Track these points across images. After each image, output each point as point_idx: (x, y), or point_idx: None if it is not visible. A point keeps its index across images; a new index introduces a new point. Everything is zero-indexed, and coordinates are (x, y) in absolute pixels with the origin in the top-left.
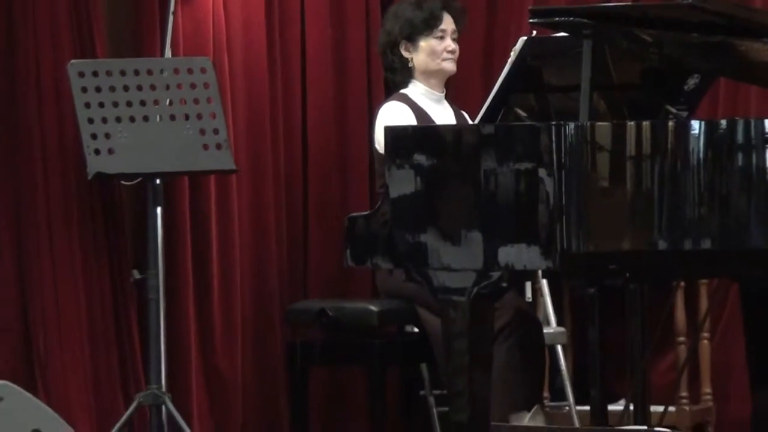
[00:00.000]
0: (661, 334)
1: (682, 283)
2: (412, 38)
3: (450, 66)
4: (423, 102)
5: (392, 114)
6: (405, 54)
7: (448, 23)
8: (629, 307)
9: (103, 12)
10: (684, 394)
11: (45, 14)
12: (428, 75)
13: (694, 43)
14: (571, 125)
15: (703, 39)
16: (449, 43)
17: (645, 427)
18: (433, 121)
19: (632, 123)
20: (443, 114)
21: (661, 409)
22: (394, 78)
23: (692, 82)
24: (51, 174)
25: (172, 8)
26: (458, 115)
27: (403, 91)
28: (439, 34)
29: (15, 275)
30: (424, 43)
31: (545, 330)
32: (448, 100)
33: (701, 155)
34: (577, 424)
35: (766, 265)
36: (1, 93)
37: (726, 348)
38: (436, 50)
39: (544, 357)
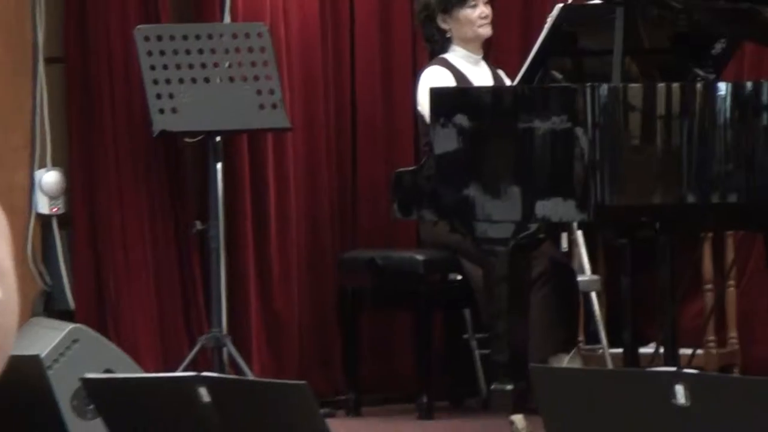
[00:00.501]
0: (690, 282)
1: (710, 234)
2: (447, 10)
3: (485, 31)
4: (462, 65)
5: (433, 78)
6: (442, 25)
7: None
8: (659, 257)
9: None
10: (711, 337)
11: None
12: (466, 41)
13: (721, 9)
14: (605, 87)
15: (730, 6)
16: (483, 10)
17: (674, 369)
18: (471, 83)
19: (662, 84)
20: (481, 75)
21: (689, 351)
22: (434, 47)
23: (719, 46)
24: (119, 132)
25: None
26: (495, 75)
27: (443, 55)
28: (473, 2)
29: (88, 227)
30: (459, 14)
31: (580, 278)
32: (486, 61)
33: (728, 115)
34: (610, 365)
35: None
36: (73, 58)
37: (751, 295)
38: (471, 18)
39: (578, 303)
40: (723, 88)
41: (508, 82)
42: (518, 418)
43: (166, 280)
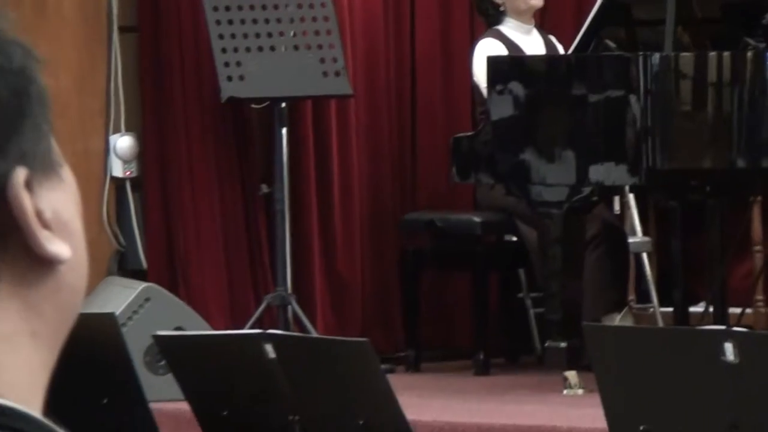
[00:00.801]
0: (739, 243)
1: (759, 198)
2: None
3: (537, 2)
4: (514, 36)
5: (486, 49)
6: (496, 0)
7: None
8: (709, 219)
9: None
10: (760, 297)
11: None
12: (519, 13)
13: None
14: (657, 56)
15: None
16: None
17: (723, 327)
18: (524, 52)
19: (713, 53)
20: (534, 44)
21: (738, 311)
22: (488, 20)
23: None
24: (189, 98)
25: None
26: (548, 42)
27: (496, 27)
28: None
29: (159, 190)
30: None
31: (632, 239)
32: (538, 29)
33: None
34: (661, 324)
35: None
36: (146, 27)
37: None
38: None
39: (629, 264)
40: None
41: (560, 48)
42: (572, 374)
43: (233, 241)
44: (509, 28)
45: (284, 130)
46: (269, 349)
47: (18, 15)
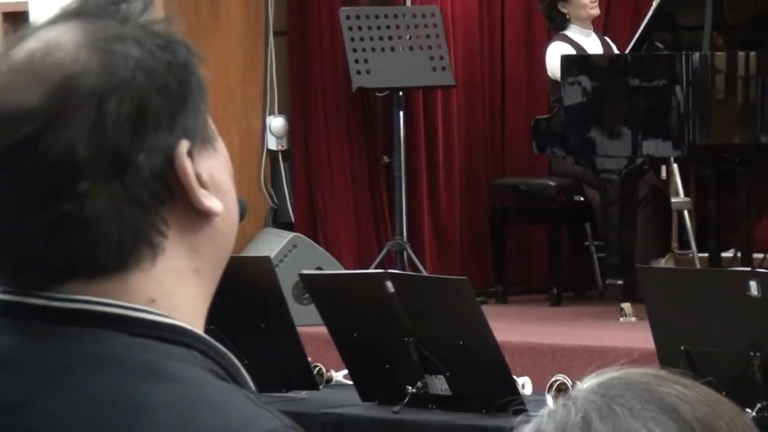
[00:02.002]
0: (762, 202)
1: None
2: None
3: (595, 11)
4: (577, 38)
5: (556, 50)
6: (562, 10)
7: None
8: (738, 184)
9: None
10: None
11: None
12: (581, 20)
13: None
14: (696, 55)
15: None
16: None
17: (749, 269)
18: (585, 51)
19: (742, 53)
20: (593, 44)
21: (761, 256)
22: (555, 25)
23: None
24: (327, 88)
25: None
26: (604, 43)
27: (563, 32)
28: None
29: (304, 160)
30: (575, 0)
31: (675, 200)
32: (595, 32)
33: None
34: (698, 266)
35: None
36: (294, 31)
37: None
38: (584, 3)
39: (672, 219)
40: None
41: (614, 47)
42: (626, 306)
43: (361, 200)
44: (573, 32)
45: (401, 114)
46: (389, 285)
47: (197, 22)
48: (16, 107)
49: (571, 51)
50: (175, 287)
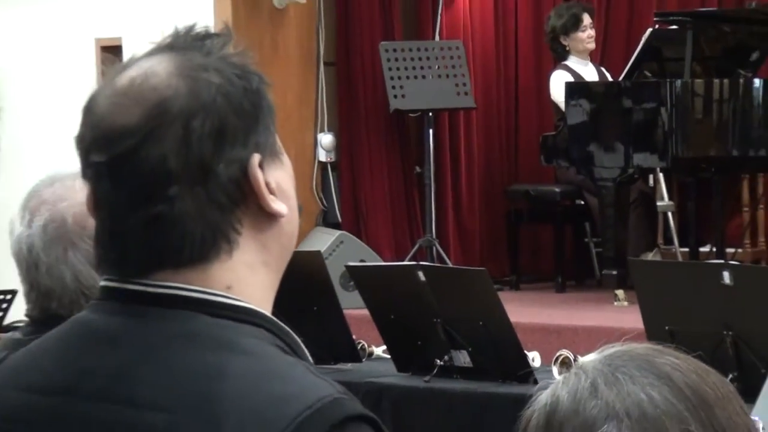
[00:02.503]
0: (733, 205)
1: (747, 176)
2: (567, 33)
3: (591, 46)
4: (576, 67)
5: (558, 77)
6: (564, 42)
7: (587, 20)
8: (714, 190)
9: (399, 8)
10: (747, 241)
11: (365, 10)
12: (579, 52)
13: (755, 31)
14: (679, 82)
15: (761, 29)
16: (590, 33)
17: (722, 261)
18: (583, 78)
19: (717, 80)
20: (589, 72)
21: (733, 250)
22: (557, 57)
23: (755, 55)
24: (368, 109)
25: (440, 10)
26: (599, 72)
27: (564, 62)
28: (583, 28)
29: (349, 169)
30: (575, 35)
31: (660, 203)
32: (592, 62)
33: (760, 100)
34: (680, 259)
35: None
36: (341, 62)
37: None
38: (583, 38)
39: (657, 219)
40: (757, 82)
41: (608, 75)
42: (620, 292)
43: (396, 203)
44: (572, 62)
45: (430, 131)
46: (420, 275)
47: (262, 55)
48: (119, 125)
49: (571, 78)
50: (247, 277)
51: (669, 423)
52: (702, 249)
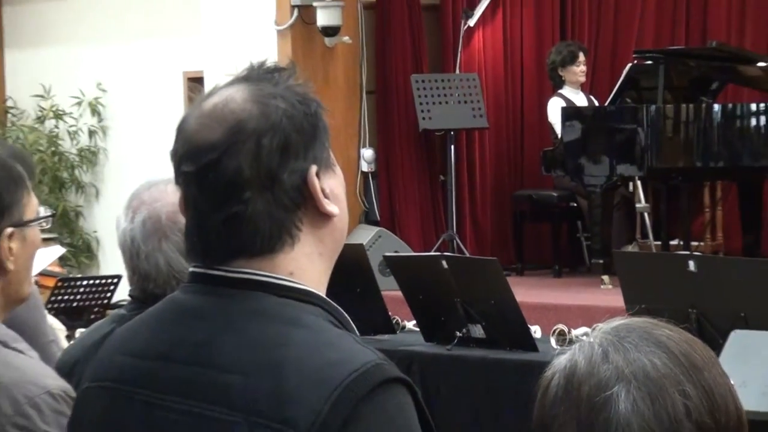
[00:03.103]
0: (697, 206)
1: (708, 183)
2: (564, 66)
3: (583, 78)
4: (569, 95)
5: (554, 103)
6: (561, 74)
7: (581, 57)
8: (682, 194)
9: (426, 46)
10: (708, 236)
11: (399, 49)
12: (572, 83)
13: (715, 66)
14: (653, 107)
15: (720, 63)
16: (582, 68)
17: (688, 252)
18: (575, 104)
19: (683, 105)
20: (580, 99)
21: (696, 243)
22: (555, 86)
23: (714, 85)
24: (402, 129)
25: (459, 48)
26: (588, 98)
27: (559, 91)
28: (578, 63)
29: (386, 177)
30: (570, 68)
31: (638, 205)
32: (582, 91)
33: (719, 121)
34: (654, 250)
35: (750, 175)
36: (379, 91)
37: (730, 214)
38: (576, 72)
39: (636, 218)
40: (716, 107)
41: (595, 101)
42: (606, 277)
43: (424, 205)
44: (566, 91)
45: (452, 147)
46: (444, 263)
47: (316, 84)
48: (204, 141)
49: (565, 104)
50: (306, 265)
51: (668, 384)
52: (672, 242)
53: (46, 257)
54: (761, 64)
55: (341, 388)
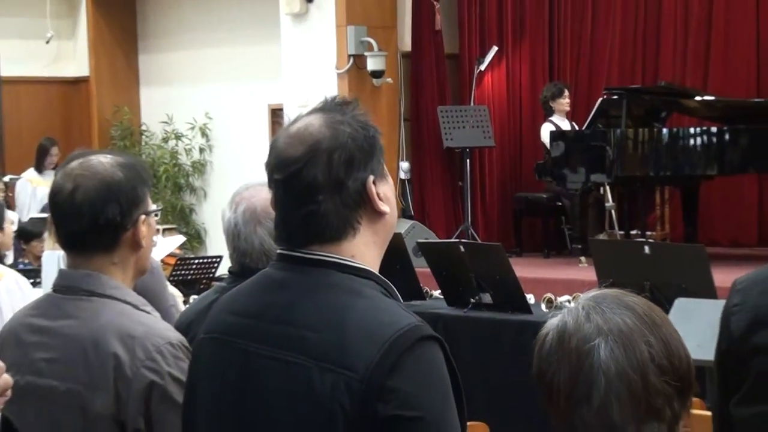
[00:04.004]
0: (650, 205)
1: (659, 187)
2: (553, 99)
3: (567, 108)
4: (557, 121)
5: (546, 127)
6: (551, 105)
7: (566, 92)
8: (639, 196)
9: (449, 84)
10: (658, 227)
11: (428, 87)
12: (559, 112)
13: (663, 99)
14: (618, 130)
15: (667, 98)
16: (567, 101)
17: (644, 240)
18: (561, 128)
19: (641, 129)
20: (566, 125)
21: (650, 233)
22: (546, 113)
23: (663, 114)
24: (431, 148)
25: (473, 85)
26: (571, 124)
27: (550, 118)
28: (564, 97)
29: (418, 183)
30: (558, 101)
31: (607, 204)
32: (566, 118)
33: (666, 141)
34: (618, 238)
35: (690, 181)
36: (413, 119)
37: (675, 211)
38: (563, 104)
39: (605, 214)
40: (665, 131)
41: (575, 126)
42: (583, 258)
43: (448, 204)
44: (555, 118)
45: (468, 160)
46: (461, 248)
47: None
48: (290, 156)
49: (553, 128)
50: (364, 250)
51: (636, 336)
52: (632, 232)
53: (172, 243)
54: (697, 98)
55: (389, 343)
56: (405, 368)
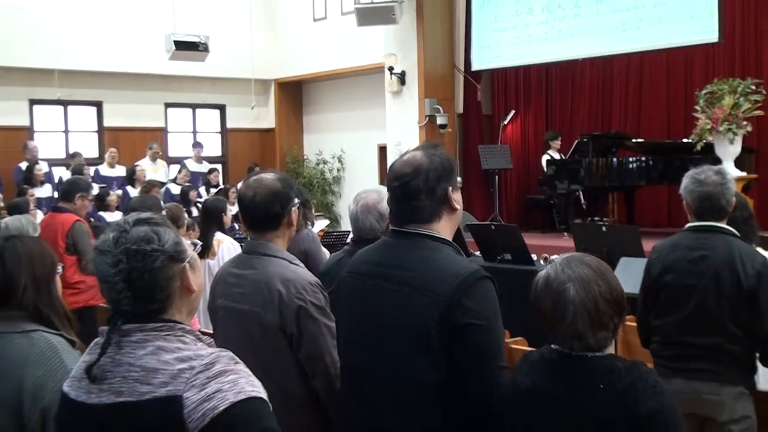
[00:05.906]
0: (606, 203)
1: (615, 194)
2: (551, 140)
3: (558, 146)
4: (552, 154)
5: (545, 158)
6: (549, 144)
7: (558, 137)
8: (600, 197)
9: (486, 130)
10: (611, 216)
11: (474, 132)
12: (554, 149)
13: (614, 140)
14: (587, 159)
15: (616, 140)
16: (558, 141)
17: (602, 223)
18: (554, 158)
19: (602, 159)
20: (557, 156)
21: (606, 219)
22: (546, 148)
23: (614, 149)
24: (474, 168)
25: (501, 132)
26: (560, 155)
27: (548, 151)
28: (557, 139)
29: (466, 191)
30: (553, 142)
31: (582, 202)
32: (558, 151)
33: (615, 166)
34: (587, 222)
35: (629, 189)
36: (465, 151)
37: (620, 207)
38: (556, 143)
39: (580, 208)
40: (615, 160)
41: (562, 156)
42: (566, 234)
43: (484, 202)
44: (551, 151)
45: (496, 177)
46: (492, 227)
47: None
48: (402, 173)
49: (549, 158)
50: (444, 229)
51: (591, 282)
52: (595, 219)
53: (322, 224)
54: (633, 140)
55: (461, 278)
56: (472, 293)
